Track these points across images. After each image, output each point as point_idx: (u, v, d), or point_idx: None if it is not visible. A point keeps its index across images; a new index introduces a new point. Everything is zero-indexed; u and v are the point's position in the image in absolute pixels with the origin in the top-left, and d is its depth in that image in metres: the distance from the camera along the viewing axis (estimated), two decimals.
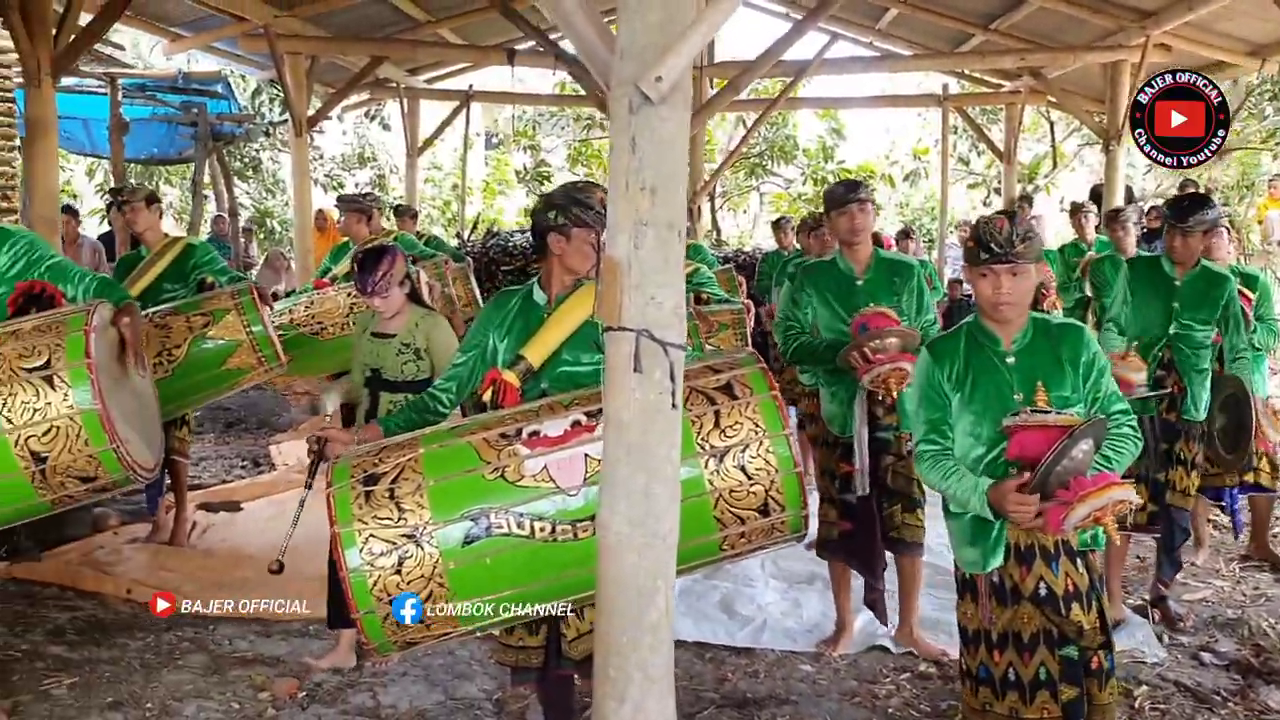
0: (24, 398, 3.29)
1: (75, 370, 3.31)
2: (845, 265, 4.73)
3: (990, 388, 3.24)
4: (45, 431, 3.28)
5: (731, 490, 2.95)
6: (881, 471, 4.66)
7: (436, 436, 3.19)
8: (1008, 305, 3.19)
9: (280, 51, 10.05)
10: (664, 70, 2.02)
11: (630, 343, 2.13)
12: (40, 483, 3.33)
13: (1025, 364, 3.24)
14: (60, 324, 3.46)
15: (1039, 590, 3.19)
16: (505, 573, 2.95)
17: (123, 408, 3.52)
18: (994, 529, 3.23)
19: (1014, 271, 3.14)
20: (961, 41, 12.51)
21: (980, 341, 3.30)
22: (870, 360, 4.37)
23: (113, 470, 3.40)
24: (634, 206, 2.10)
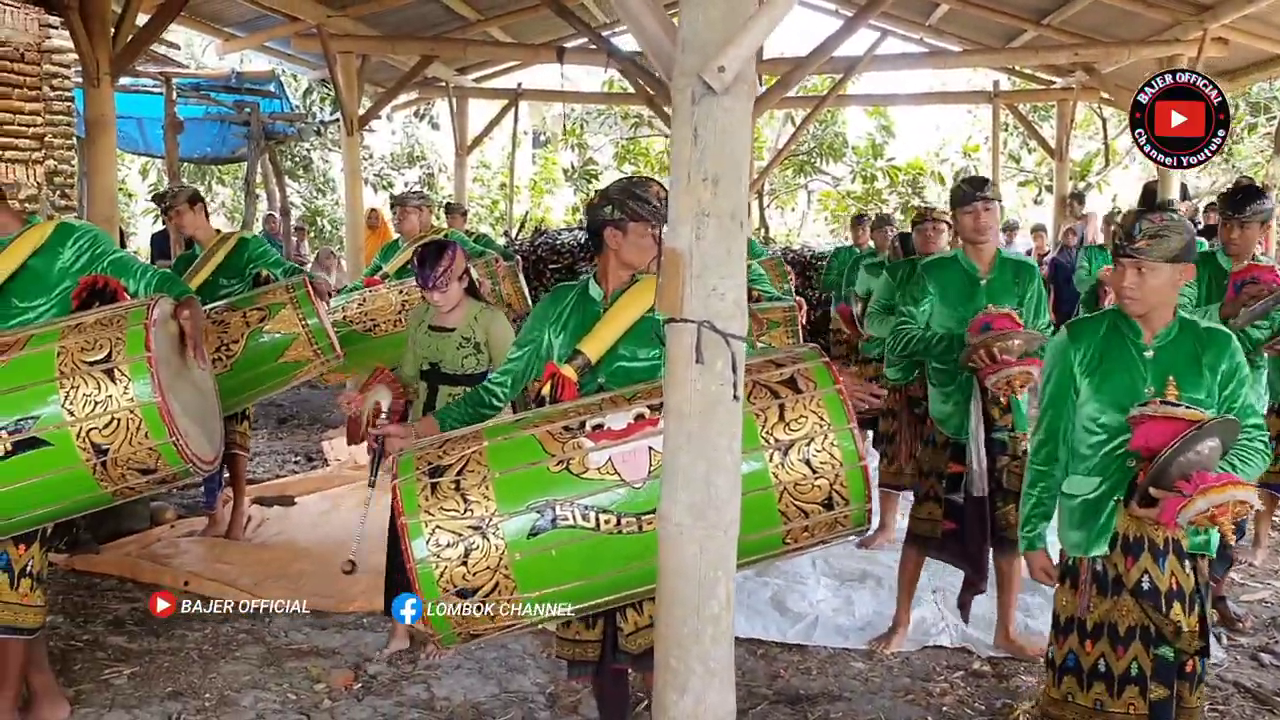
0: (86, 390, 3.33)
1: (136, 364, 3.35)
2: (968, 264, 4.68)
3: (1123, 378, 3.21)
4: (106, 424, 3.32)
5: (796, 484, 2.94)
6: (997, 472, 4.61)
7: (500, 429, 3.20)
8: (1130, 300, 3.18)
9: (332, 51, 10.12)
10: (727, 60, 2.02)
11: (692, 334, 2.13)
12: (101, 475, 3.37)
13: (1164, 360, 3.20)
14: (121, 318, 3.51)
15: (1141, 583, 3.14)
16: (570, 565, 2.96)
17: (183, 401, 3.56)
18: (1104, 513, 3.21)
19: (1139, 267, 3.12)
20: (1013, 37, 12.37)
21: (1122, 331, 3.27)
22: (997, 361, 4.35)
23: (173, 463, 3.44)
24: (696, 197, 2.09)
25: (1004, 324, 4.41)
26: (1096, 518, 3.22)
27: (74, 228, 3.91)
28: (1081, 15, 10.79)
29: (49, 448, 3.33)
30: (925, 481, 4.90)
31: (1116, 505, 3.19)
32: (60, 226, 3.87)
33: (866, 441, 7.22)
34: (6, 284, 3.75)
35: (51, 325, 3.58)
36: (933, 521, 4.79)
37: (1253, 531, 6.01)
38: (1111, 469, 3.21)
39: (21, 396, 3.35)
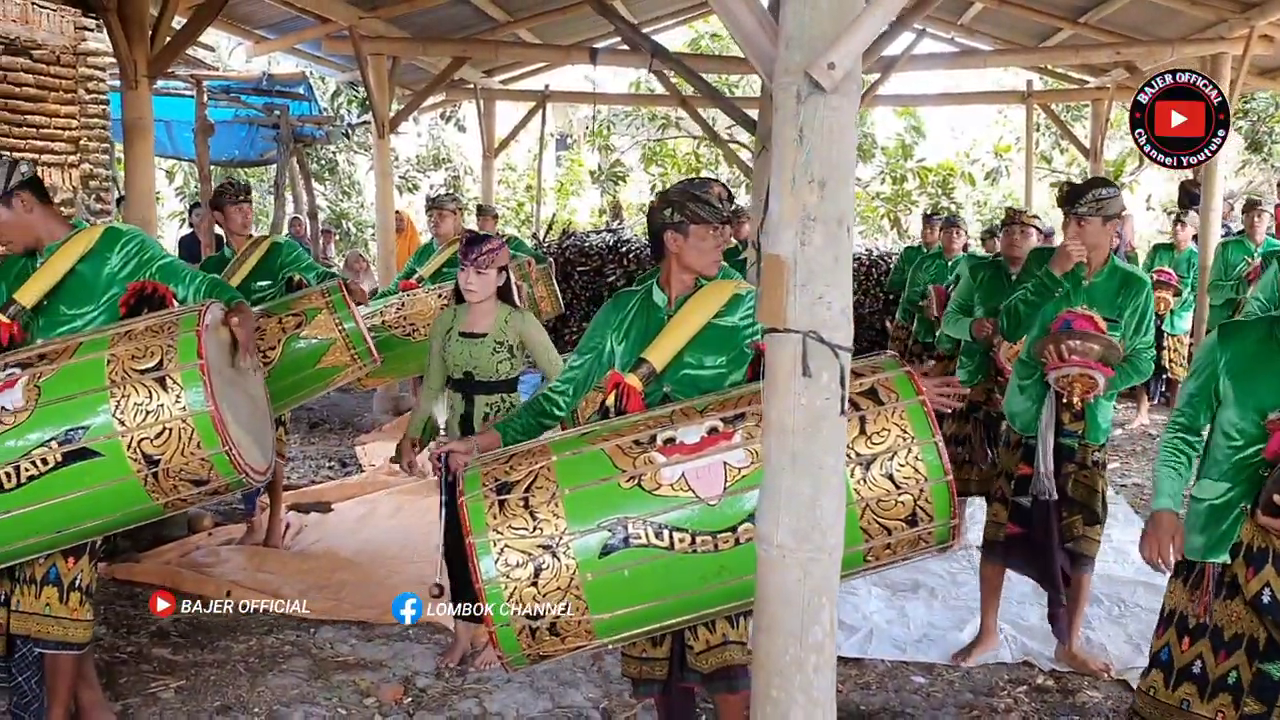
0: (137, 399, 3.24)
1: (188, 372, 3.26)
2: (1079, 266, 4.50)
3: (1269, 382, 3.06)
4: (158, 434, 3.24)
5: (879, 500, 2.82)
6: (1062, 479, 4.47)
7: (568, 443, 3.09)
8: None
9: (364, 53, 10.04)
10: (837, 57, 1.90)
11: (796, 345, 2.01)
12: (152, 486, 3.29)
13: None
14: (173, 325, 3.43)
15: (1262, 596, 2.99)
16: (644, 585, 2.85)
17: (235, 409, 3.48)
18: (1228, 520, 3.08)
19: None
20: (1046, 36, 12.20)
21: (1276, 336, 3.12)
22: (1064, 359, 4.23)
23: (225, 473, 3.35)
24: (801, 201, 1.98)
25: (1084, 325, 4.29)
26: (1220, 523, 3.11)
27: (122, 232, 3.82)
28: (1120, 13, 10.62)
29: (99, 459, 3.25)
30: (996, 483, 4.79)
31: (1242, 513, 3.07)
32: (108, 231, 3.79)
33: None
34: (54, 291, 3.67)
35: (100, 333, 3.50)
36: (997, 524, 4.67)
37: None
38: (1242, 476, 3.08)
39: (71, 406, 3.27)
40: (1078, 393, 4.27)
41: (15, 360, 3.41)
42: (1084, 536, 4.55)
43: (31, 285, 3.64)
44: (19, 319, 3.59)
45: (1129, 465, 8.52)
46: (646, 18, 13.29)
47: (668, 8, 13.61)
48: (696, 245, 3.32)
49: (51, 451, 3.22)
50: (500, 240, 4.78)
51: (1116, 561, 6.04)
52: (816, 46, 1.95)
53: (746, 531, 2.81)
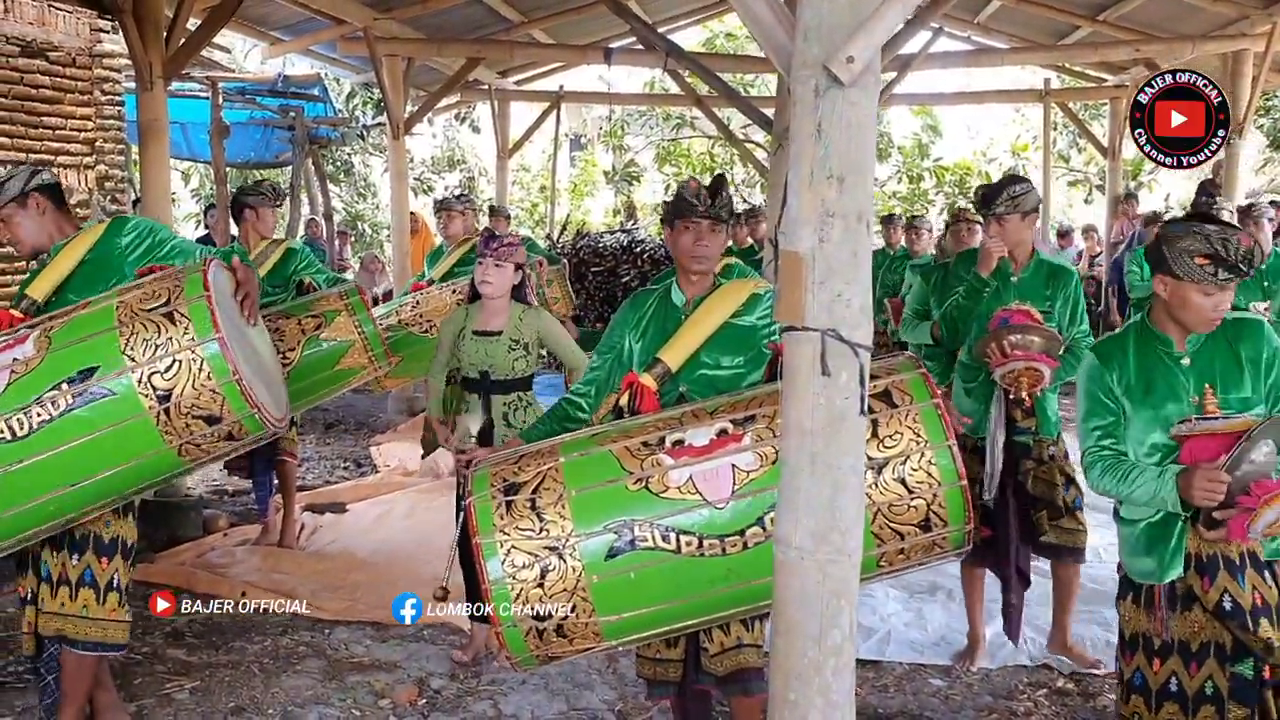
0: (145, 335, 3.21)
1: (195, 305, 3.24)
2: (1002, 262, 4.51)
3: (1164, 392, 3.02)
4: (168, 366, 3.19)
5: (891, 505, 2.78)
6: (1021, 476, 4.47)
7: (576, 444, 3.07)
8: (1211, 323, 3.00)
9: (379, 54, 10.05)
10: (856, 50, 1.87)
11: (815, 343, 1.98)
12: (165, 425, 3.21)
13: (1201, 365, 3.02)
14: (179, 272, 3.45)
15: (1223, 603, 2.94)
16: (650, 588, 2.83)
17: (245, 354, 3.44)
18: (1173, 536, 3.01)
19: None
20: (1064, 34, 12.12)
21: (1150, 343, 3.09)
22: (1006, 355, 4.20)
23: (237, 407, 3.26)
24: (819, 197, 1.95)
25: (1021, 320, 4.28)
26: (1166, 541, 3.03)
27: (129, 219, 3.86)
28: (1140, 10, 10.54)
29: (111, 396, 3.21)
30: None
31: (1185, 524, 2.99)
32: (113, 222, 3.81)
33: None
34: (65, 282, 3.66)
35: (110, 291, 3.48)
36: None
37: None
38: None
39: (81, 348, 3.26)
40: (1024, 387, 4.23)
41: (27, 324, 3.44)
42: (1058, 528, 4.51)
43: (42, 280, 3.65)
44: (30, 312, 3.58)
45: None
46: (661, 17, 13.26)
47: (682, 7, 13.58)
48: (675, 240, 3.37)
49: (62, 394, 3.18)
50: (516, 238, 4.77)
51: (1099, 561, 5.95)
52: (835, 39, 1.92)
53: (755, 535, 2.79)
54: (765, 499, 2.78)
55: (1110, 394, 3.09)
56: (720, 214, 3.32)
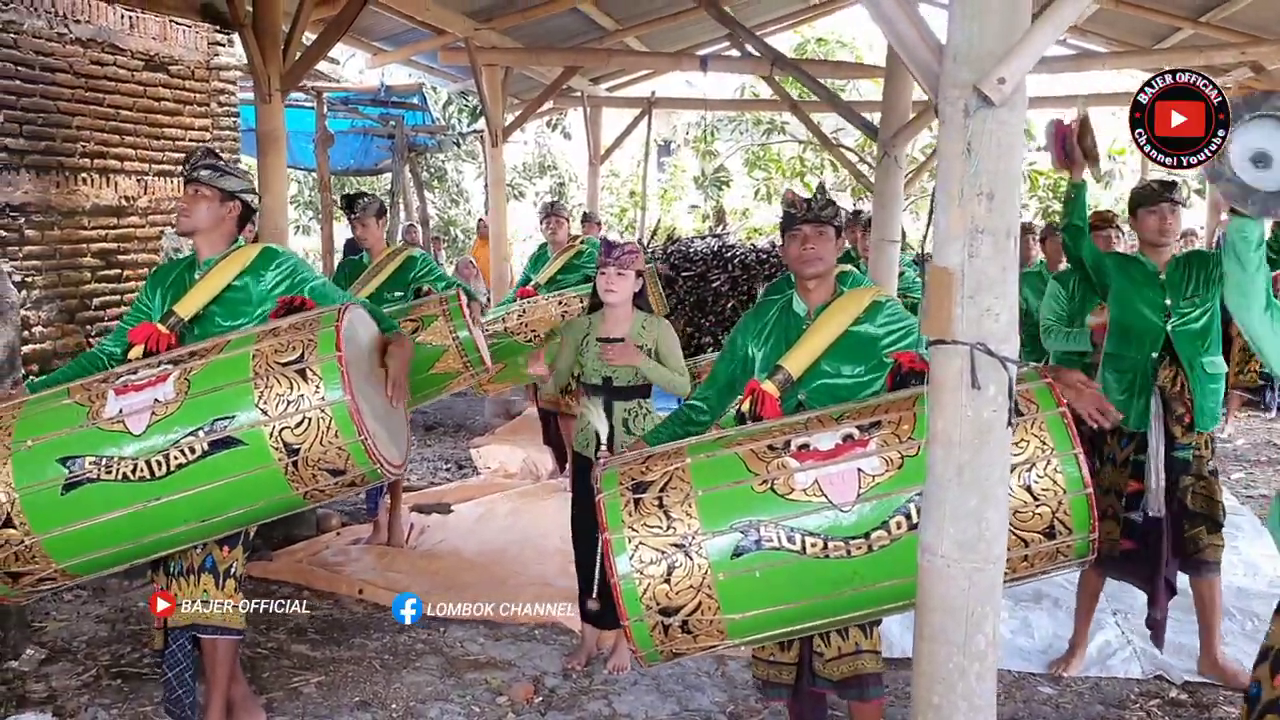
0: (279, 390, 3.34)
1: (327, 364, 3.36)
2: (1149, 262, 4.56)
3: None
4: (298, 423, 3.33)
5: (1016, 511, 2.80)
6: (1180, 492, 4.44)
7: (703, 446, 3.15)
8: None
9: (479, 63, 10.23)
10: (1008, 72, 1.93)
11: (964, 357, 2.03)
12: (293, 475, 3.37)
13: None
14: (314, 321, 3.54)
15: None
16: (775, 587, 2.89)
17: (371, 404, 3.57)
18: None
19: None
20: (1163, 37, 11.91)
21: None
22: None
23: (361, 463, 3.41)
24: (969, 214, 2.00)
25: None
26: None
27: (278, 253, 3.97)
28: (1245, 12, 10.33)
29: (243, 447, 3.35)
30: (1104, 499, 4.72)
31: None
32: (265, 250, 3.93)
33: None
34: (211, 303, 3.82)
35: (248, 331, 3.64)
36: (1111, 540, 4.61)
37: None
38: None
39: (218, 397, 3.39)
40: None
41: (168, 358, 3.58)
42: (1210, 545, 4.51)
43: (190, 298, 3.79)
44: (176, 329, 3.75)
45: (1254, 475, 8.30)
46: (754, 23, 13.29)
47: (775, 12, 13.60)
48: (787, 251, 3.49)
49: (199, 440, 3.34)
50: (635, 244, 4.84)
51: (1248, 575, 5.91)
52: (985, 62, 1.97)
53: (880, 538, 2.84)
54: (891, 503, 2.84)
55: None
56: (821, 216, 3.39)
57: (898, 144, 5.96)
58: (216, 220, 3.86)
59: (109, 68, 6.64)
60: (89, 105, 6.49)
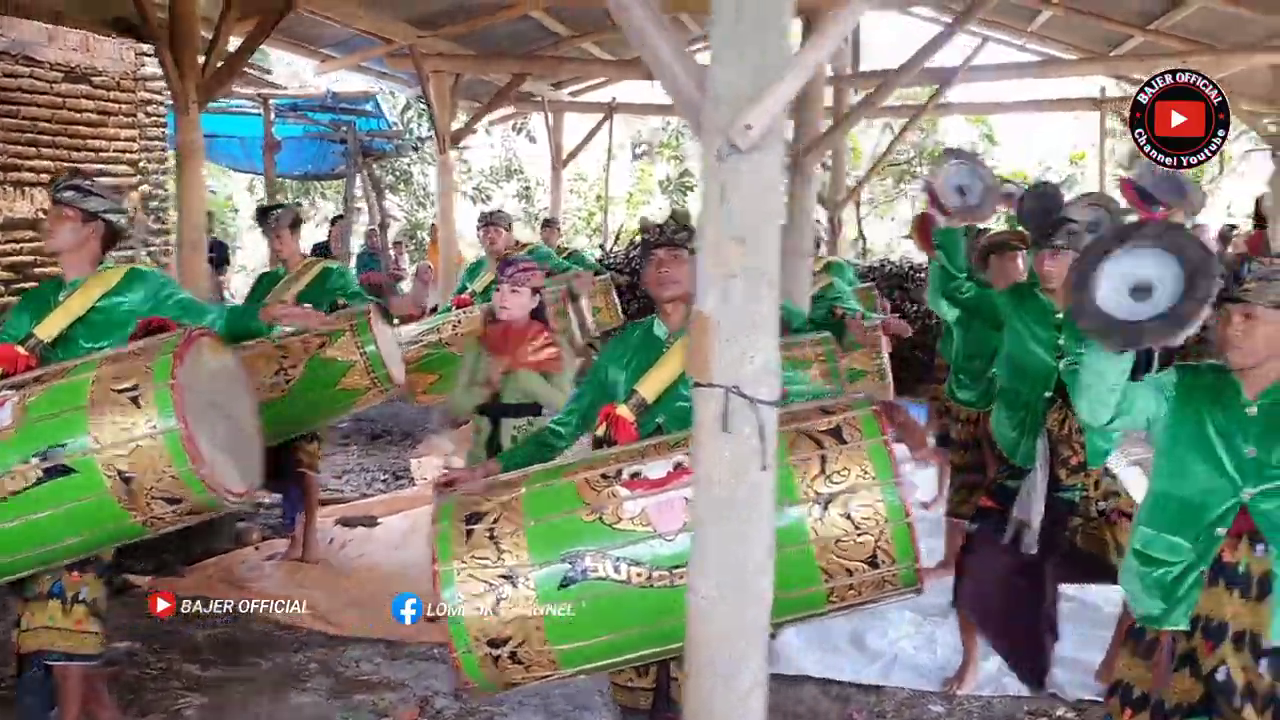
0: (112, 418, 3.32)
1: (160, 391, 3.32)
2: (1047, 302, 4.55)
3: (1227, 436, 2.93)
4: (131, 451, 3.30)
5: (837, 540, 2.81)
6: (1070, 533, 4.39)
7: (540, 475, 3.15)
8: (1236, 350, 2.88)
9: (425, 70, 10.24)
10: (754, 118, 1.91)
11: (719, 400, 2.03)
12: (128, 503, 3.34)
13: (1268, 419, 2.91)
14: (155, 347, 3.52)
15: (1217, 674, 2.89)
16: (601, 617, 2.89)
17: (212, 430, 3.53)
18: (1186, 584, 2.96)
19: (1246, 313, 2.86)
20: (1119, 43, 11.94)
21: (1221, 384, 3.01)
22: None
23: (198, 492, 3.39)
24: (723, 257, 2.00)
25: None
26: (1178, 586, 2.98)
27: (144, 274, 3.96)
28: (1191, 20, 10.35)
29: (76, 475, 3.33)
30: None
31: (1200, 577, 2.94)
32: (130, 272, 3.93)
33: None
34: (75, 325, 3.80)
35: (93, 357, 3.61)
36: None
37: None
38: (1202, 536, 2.95)
39: (53, 424, 3.37)
40: None
41: (11, 382, 3.55)
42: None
43: (52, 320, 3.78)
44: (36, 351, 3.72)
45: None
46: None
47: None
48: (643, 274, 3.51)
49: (33, 468, 3.31)
50: (534, 263, 4.84)
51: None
52: (739, 105, 1.96)
53: None
54: None
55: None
56: (675, 240, 3.39)
57: (809, 157, 5.95)
58: (80, 241, 3.85)
59: (24, 79, 6.61)
60: (2, 118, 6.46)
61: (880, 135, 18.40)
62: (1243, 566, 2.87)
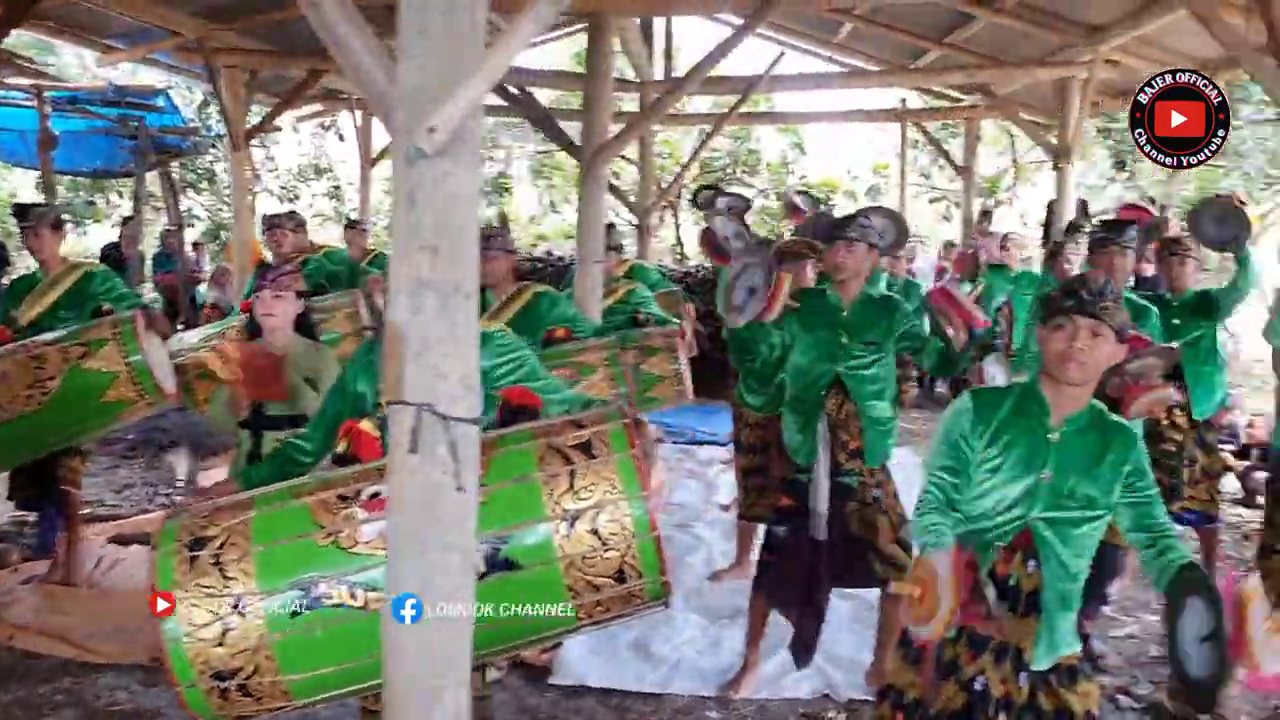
0: None
1: None
2: (835, 297, 4.58)
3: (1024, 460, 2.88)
4: None
5: (584, 556, 2.74)
6: (846, 517, 4.47)
7: (274, 497, 2.97)
8: (1076, 366, 2.77)
9: (216, 65, 9.84)
10: (440, 120, 1.82)
11: (411, 418, 1.92)
12: None
13: (1068, 446, 2.86)
14: None
15: (975, 683, 2.89)
16: (337, 646, 2.74)
17: None
18: None
19: (1095, 330, 2.76)
20: (919, 55, 12.35)
21: (1028, 407, 2.92)
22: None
23: None
24: (413, 268, 1.89)
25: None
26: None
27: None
28: (981, 35, 10.77)
29: None
30: None
31: None
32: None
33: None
34: None
35: None
36: (761, 560, 4.75)
37: None
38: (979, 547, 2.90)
39: None
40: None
41: None
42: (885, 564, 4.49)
43: None
44: None
45: None
46: None
47: None
48: None
49: None
50: (295, 269, 4.68)
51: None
52: (426, 107, 1.86)
53: None
54: None
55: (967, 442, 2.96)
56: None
57: (598, 163, 5.90)
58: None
59: None
60: None
61: (698, 141, 18.59)
62: (1014, 580, 2.88)
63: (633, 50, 11.53)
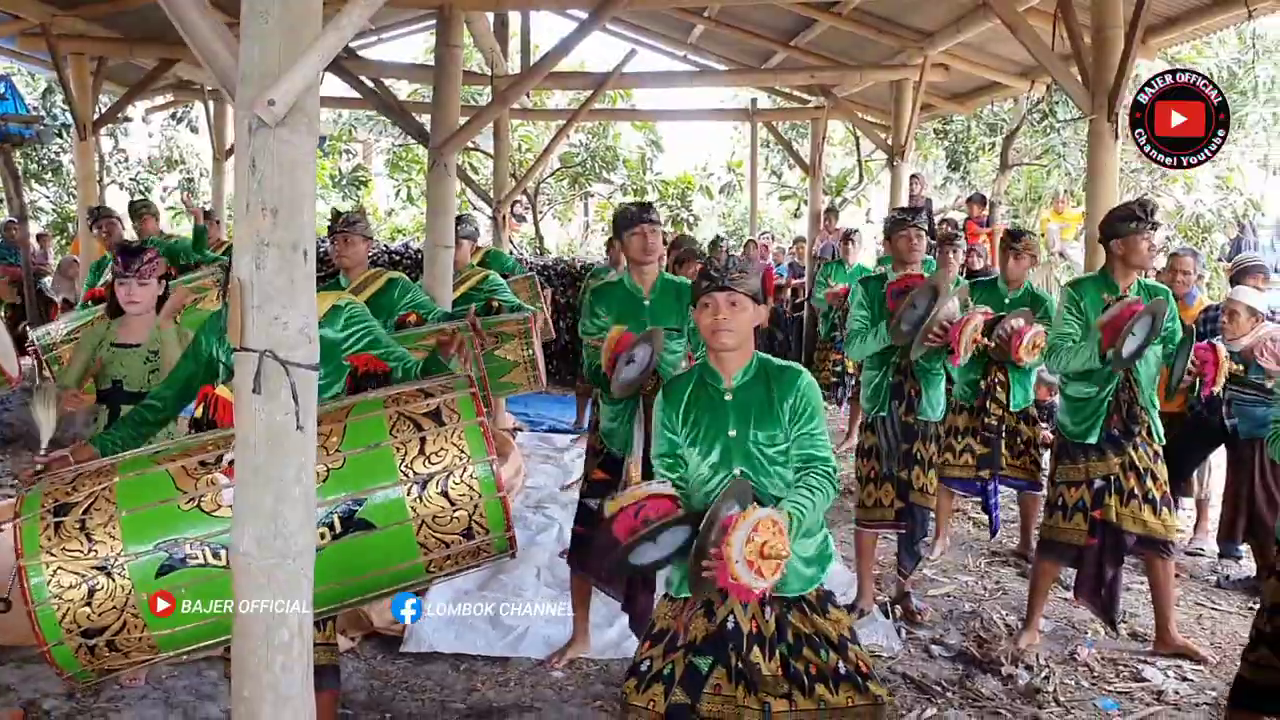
0: None
1: None
2: (633, 285, 4.69)
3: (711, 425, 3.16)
4: None
5: (435, 516, 2.99)
6: None
7: (135, 463, 3.12)
8: (727, 334, 3.08)
9: (61, 52, 9.68)
10: (278, 94, 2.03)
11: (254, 363, 2.13)
12: None
13: (741, 401, 3.16)
14: None
15: (726, 623, 3.07)
16: (202, 602, 2.91)
17: None
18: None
19: (732, 300, 3.07)
20: (769, 57, 12.79)
21: (705, 380, 3.22)
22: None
23: None
24: (255, 228, 2.10)
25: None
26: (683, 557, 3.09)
27: None
28: (824, 39, 11.24)
29: None
30: None
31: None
32: None
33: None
34: None
35: None
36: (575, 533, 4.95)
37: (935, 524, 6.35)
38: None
39: None
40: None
41: None
42: None
43: None
44: None
45: None
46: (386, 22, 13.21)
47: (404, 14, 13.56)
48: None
49: None
50: (153, 252, 4.78)
51: None
52: (266, 82, 2.07)
53: None
54: (318, 513, 2.92)
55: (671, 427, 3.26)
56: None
57: (447, 151, 6.09)
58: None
59: None
60: None
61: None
62: None
63: (484, 45, 11.72)
